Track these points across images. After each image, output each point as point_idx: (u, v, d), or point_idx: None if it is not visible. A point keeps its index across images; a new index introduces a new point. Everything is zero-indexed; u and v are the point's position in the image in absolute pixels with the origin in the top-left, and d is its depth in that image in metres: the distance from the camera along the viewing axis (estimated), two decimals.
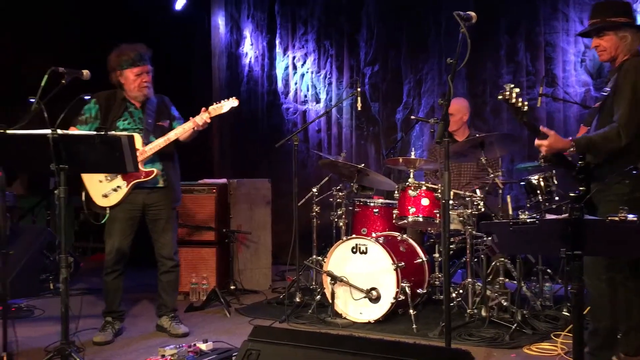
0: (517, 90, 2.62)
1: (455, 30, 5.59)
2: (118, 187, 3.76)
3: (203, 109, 3.78)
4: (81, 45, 6.96)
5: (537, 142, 2.77)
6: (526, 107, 2.65)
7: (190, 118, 3.77)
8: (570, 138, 2.77)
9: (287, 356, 1.69)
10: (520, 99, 2.63)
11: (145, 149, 3.71)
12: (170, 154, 3.87)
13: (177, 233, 4.06)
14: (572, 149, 2.74)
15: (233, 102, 3.79)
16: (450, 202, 3.95)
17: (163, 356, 3.10)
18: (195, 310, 4.49)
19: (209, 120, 3.75)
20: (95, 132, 2.93)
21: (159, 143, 3.75)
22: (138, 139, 3.64)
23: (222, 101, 3.80)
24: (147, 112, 3.84)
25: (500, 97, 2.65)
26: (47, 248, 5.18)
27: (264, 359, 1.70)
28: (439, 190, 4.11)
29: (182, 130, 3.76)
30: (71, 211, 7.03)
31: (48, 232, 5.34)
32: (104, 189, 3.76)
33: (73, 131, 3.61)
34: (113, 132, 2.90)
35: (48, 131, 2.80)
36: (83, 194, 3.76)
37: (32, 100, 2.98)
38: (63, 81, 3.16)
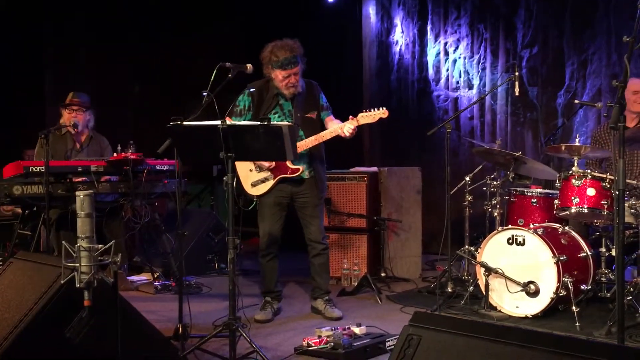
0: None
1: (627, 5, 5.09)
2: (266, 178, 3.94)
3: (351, 117, 3.79)
4: (242, 40, 7.42)
5: None
6: None
7: (351, 119, 3.79)
8: None
9: (448, 344, 1.67)
10: None
11: (298, 144, 3.78)
12: (318, 148, 3.94)
13: (323, 219, 4.17)
14: None
15: (383, 114, 3.73)
16: None
17: (320, 337, 3.23)
18: (347, 295, 4.61)
19: (354, 131, 3.75)
20: (259, 122, 3.10)
21: (307, 143, 3.84)
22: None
23: (373, 110, 3.76)
24: (297, 105, 3.93)
25: None
26: (213, 230, 5.60)
27: (425, 345, 1.70)
28: (607, 180, 3.81)
29: (328, 134, 3.82)
30: None
31: (213, 216, 5.78)
32: (253, 178, 3.97)
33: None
34: (275, 122, 3.05)
35: (218, 122, 3.02)
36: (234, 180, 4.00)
37: (204, 93, 3.24)
38: (229, 75, 3.39)
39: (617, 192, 2.39)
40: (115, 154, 4.63)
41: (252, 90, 3.93)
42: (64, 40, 7.10)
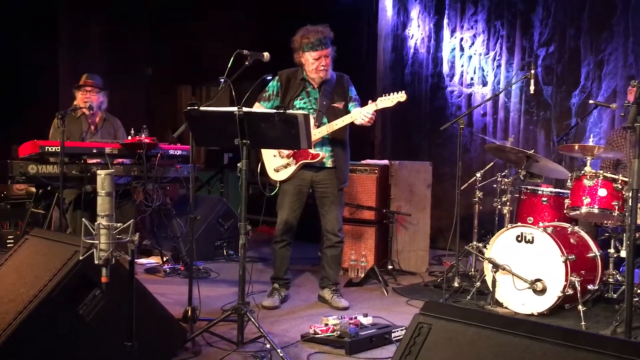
0: None
1: None
2: (288, 164, 3.97)
3: (370, 101, 3.81)
4: (257, 29, 7.44)
5: None
6: None
7: (370, 103, 3.81)
8: None
9: (458, 333, 1.69)
10: None
11: (313, 132, 3.81)
12: (340, 137, 3.96)
13: (342, 211, 4.18)
14: None
15: (401, 97, 3.75)
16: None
17: (326, 325, 3.27)
18: (353, 286, 4.64)
19: (372, 118, 3.76)
20: (274, 110, 3.13)
21: (321, 131, 3.86)
22: (310, 120, 3.80)
23: (392, 94, 3.78)
24: (324, 93, 3.96)
25: None
26: (223, 217, 5.64)
27: (435, 334, 1.72)
28: (619, 181, 3.81)
29: (340, 122, 3.83)
30: None
31: (224, 203, 5.82)
32: (276, 164, 4.01)
33: (257, 108, 3.87)
34: (290, 111, 3.07)
35: (235, 109, 3.04)
36: (259, 165, 4.04)
37: (221, 80, 3.26)
38: (247, 62, 3.41)
39: (631, 192, 2.40)
40: (129, 137, 4.67)
41: (281, 75, 3.99)
42: (78, 21, 7.15)
